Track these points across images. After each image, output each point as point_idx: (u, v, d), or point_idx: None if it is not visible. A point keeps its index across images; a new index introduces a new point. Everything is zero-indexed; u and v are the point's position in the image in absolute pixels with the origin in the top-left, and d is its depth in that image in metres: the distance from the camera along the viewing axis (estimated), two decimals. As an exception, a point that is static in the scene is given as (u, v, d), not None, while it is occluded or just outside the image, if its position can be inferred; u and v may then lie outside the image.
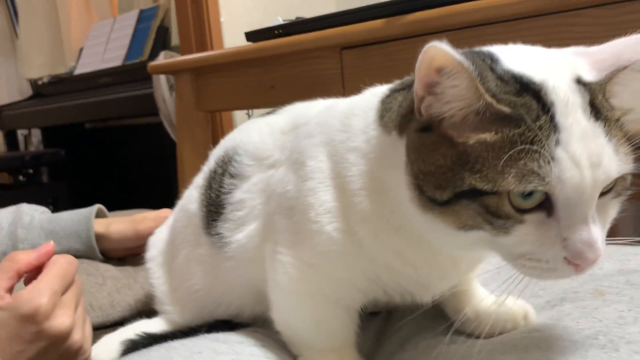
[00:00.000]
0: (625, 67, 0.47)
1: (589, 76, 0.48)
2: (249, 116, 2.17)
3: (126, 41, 2.79)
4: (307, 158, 0.60)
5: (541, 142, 0.43)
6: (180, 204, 0.82)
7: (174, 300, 0.80)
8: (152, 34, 2.71)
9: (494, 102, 0.44)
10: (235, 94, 1.49)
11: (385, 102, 0.56)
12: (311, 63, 1.32)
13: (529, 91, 0.45)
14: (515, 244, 0.46)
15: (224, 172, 0.70)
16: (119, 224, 1.00)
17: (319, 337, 0.64)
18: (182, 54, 2.31)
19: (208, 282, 0.74)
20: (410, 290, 0.61)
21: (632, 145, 0.46)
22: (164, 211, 1.04)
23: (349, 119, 0.59)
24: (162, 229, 0.86)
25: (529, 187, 0.43)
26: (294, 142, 0.64)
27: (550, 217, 0.45)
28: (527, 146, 0.43)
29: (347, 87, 1.28)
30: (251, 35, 1.40)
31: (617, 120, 0.47)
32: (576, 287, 0.65)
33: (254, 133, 0.71)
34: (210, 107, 1.57)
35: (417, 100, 0.47)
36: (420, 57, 0.44)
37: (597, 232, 0.45)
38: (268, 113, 0.76)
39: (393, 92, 0.56)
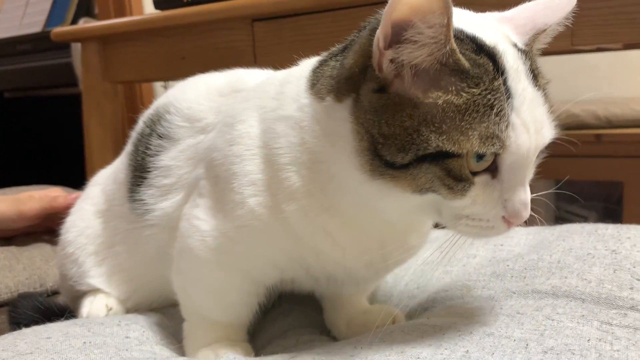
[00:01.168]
0: (543, 31, 0.50)
1: (518, 42, 0.49)
2: (165, 88, 2.09)
3: (47, 6, 2.63)
4: (237, 121, 0.57)
5: (501, 106, 0.45)
6: (108, 175, 0.78)
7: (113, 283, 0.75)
8: (75, -1, 2.57)
9: (457, 51, 0.44)
10: (144, 65, 1.42)
11: (317, 71, 0.54)
12: (222, 34, 1.27)
13: (484, 52, 0.46)
14: (466, 205, 0.47)
15: (152, 132, 0.66)
16: (0, 203, 0.94)
17: (217, 309, 0.61)
18: (101, 20, 2.20)
19: (131, 258, 0.71)
20: (334, 274, 0.58)
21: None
22: (51, 190, 1.01)
23: (282, 86, 0.56)
24: (82, 207, 0.79)
25: (492, 150, 0.45)
26: (229, 106, 0.61)
27: (494, 178, 0.47)
28: (488, 109, 0.44)
29: (259, 60, 1.24)
30: (159, 3, 1.33)
31: (546, 87, 0.49)
32: (449, 283, 0.66)
33: (190, 91, 0.67)
34: (118, 77, 1.49)
35: (377, 55, 0.46)
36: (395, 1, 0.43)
37: (529, 192, 0.48)
38: None
39: (322, 62, 0.54)
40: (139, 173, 0.66)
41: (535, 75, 0.48)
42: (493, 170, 0.47)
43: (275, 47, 1.21)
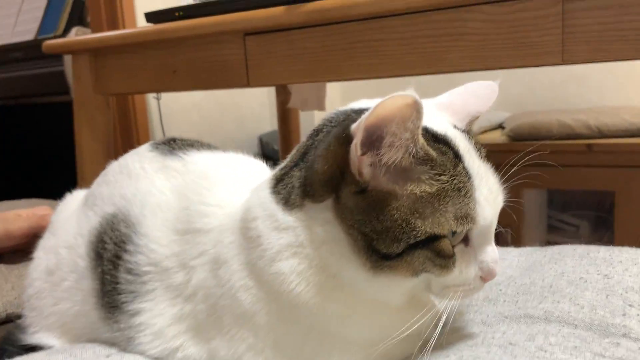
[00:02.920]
0: (476, 118, 0.58)
1: (459, 125, 0.56)
2: (158, 100, 2.08)
3: (39, 14, 2.62)
4: (236, 304, 0.56)
5: (466, 188, 0.50)
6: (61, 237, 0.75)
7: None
8: (68, 7, 2.55)
9: (425, 144, 0.49)
10: (136, 78, 1.41)
11: (281, 189, 0.56)
12: (214, 48, 1.26)
13: (439, 141, 0.51)
14: (455, 277, 0.52)
15: (118, 256, 0.65)
16: None
17: None
18: (93, 31, 2.19)
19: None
20: None
21: None
22: (39, 208, 1.00)
23: (250, 230, 0.56)
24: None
25: (467, 227, 0.51)
26: (199, 266, 0.60)
27: (467, 246, 0.53)
28: (457, 192, 0.50)
29: (251, 75, 1.23)
30: (151, 16, 1.32)
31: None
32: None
33: (147, 212, 0.66)
34: (109, 90, 1.48)
35: (356, 161, 0.49)
36: (375, 111, 0.46)
37: (496, 248, 0.54)
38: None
39: (280, 179, 0.56)
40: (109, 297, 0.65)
41: (479, 151, 0.54)
42: (465, 239, 0.52)
43: (268, 61, 1.21)
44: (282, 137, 2.21)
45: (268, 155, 2.72)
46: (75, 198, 0.80)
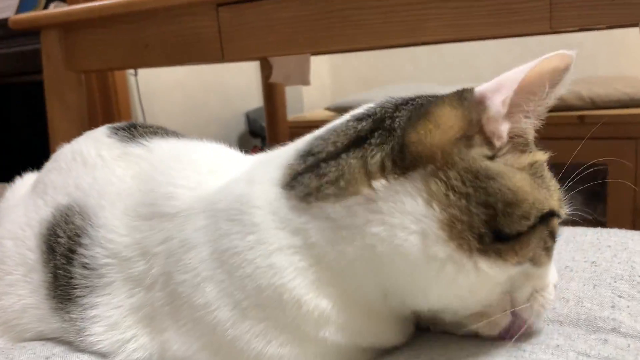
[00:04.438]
0: None
1: None
2: (135, 76, 2.01)
3: (19, -11, 2.53)
4: (198, 295, 0.51)
5: None
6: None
7: None
8: (48, -18, 2.46)
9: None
10: (107, 53, 1.35)
11: (309, 180, 0.49)
12: (186, 20, 1.20)
13: None
14: (547, 269, 0.49)
15: (72, 250, 0.59)
16: None
17: None
18: (70, 5, 2.11)
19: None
20: None
21: None
22: None
23: (246, 211, 0.51)
24: None
25: (563, 212, 0.49)
26: (162, 252, 0.55)
27: None
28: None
29: (225, 48, 1.17)
30: (119, -12, 1.25)
31: None
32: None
33: (105, 202, 0.60)
34: (81, 67, 1.41)
35: (495, 123, 0.46)
36: (539, 66, 0.46)
37: None
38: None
39: (302, 170, 0.50)
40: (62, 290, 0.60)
41: None
42: None
43: (242, 33, 1.15)
44: (268, 113, 2.15)
45: (255, 132, 2.66)
46: (25, 183, 0.74)
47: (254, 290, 0.48)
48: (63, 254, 0.59)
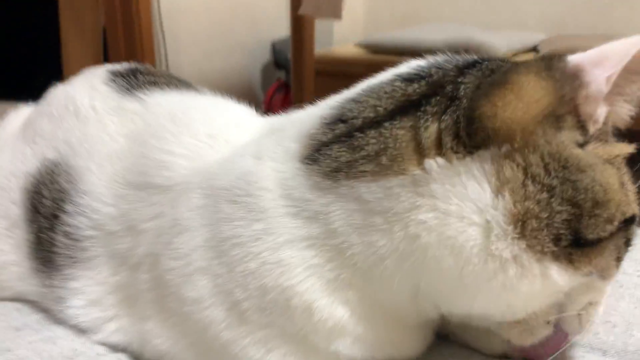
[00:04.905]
0: None
1: None
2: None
3: None
4: (188, 288, 0.44)
5: None
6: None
7: None
8: None
9: None
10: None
11: (340, 153, 0.41)
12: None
13: None
14: (609, 284, 0.42)
15: (55, 216, 0.53)
16: None
17: None
18: None
19: None
20: None
21: None
22: None
23: (253, 193, 0.44)
24: None
25: None
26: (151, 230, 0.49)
27: None
28: None
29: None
30: None
31: None
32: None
33: (93, 164, 0.54)
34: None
35: (594, 102, 0.39)
36: None
37: None
38: None
39: (329, 141, 0.42)
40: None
41: None
42: None
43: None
44: (295, 46, 2.04)
45: (280, 63, 2.55)
46: (18, 118, 0.67)
47: (257, 291, 0.42)
48: (46, 217, 0.54)
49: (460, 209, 0.37)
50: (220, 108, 0.57)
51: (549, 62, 0.40)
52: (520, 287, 0.37)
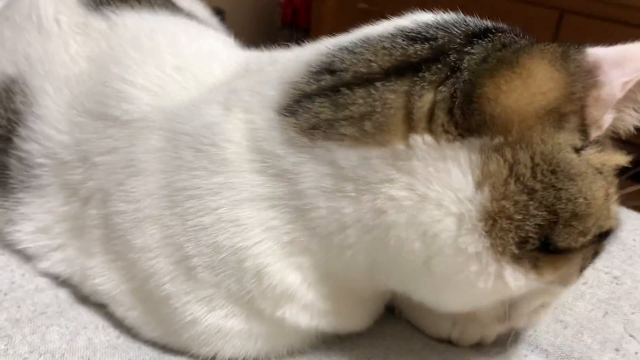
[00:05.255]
0: None
1: None
2: None
3: None
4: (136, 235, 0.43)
5: None
6: None
7: None
8: None
9: None
10: None
11: (321, 108, 0.37)
12: None
13: None
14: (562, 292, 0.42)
15: (9, 139, 0.51)
16: None
17: None
18: None
19: None
20: None
21: None
22: None
23: (218, 144, 0.41)
24: None
25: None
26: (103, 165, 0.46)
27: None
28: None
29: None
30: None
31: None
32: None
33: (50, 87, 0.50)
34: None
35: (604, 105, 0.34)
36: None
37: None
38: None
39: (311, 93, 0.38)
40: None
41: None
42: None
43: None
44: None
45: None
46: None
47: (209, 249, 0.40)
48: (1, 136, 0.52)
49: (439, 196, 0.34)
50: (192, 36, 0.52)
51: (567, 52, 0.35)
52: (477, 283, 0.35)
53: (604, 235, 0.36)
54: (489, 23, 0.39)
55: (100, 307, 0.46)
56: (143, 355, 0.43)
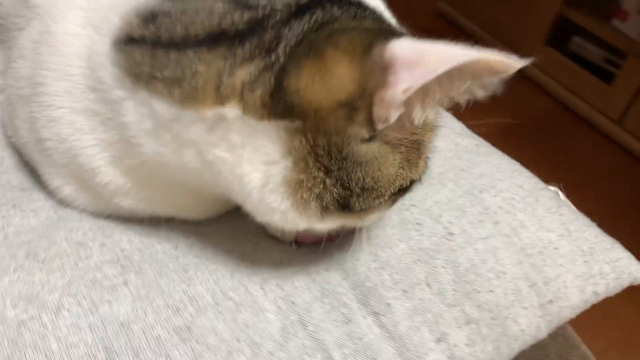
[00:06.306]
0: None
1: None
2: None
3: None
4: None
5: None
6: None
7: None
8: None
9: None
10: None
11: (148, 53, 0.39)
12: None
13: None
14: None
15: None
16: None
17: None
18: None
19: None
20: None
21: None
22: None
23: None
24: None
25: None
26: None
27: None
28: None
29: None
30: None
31: None
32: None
33: None
34: None
35: (391, 101, 0.36)
36: (484, 57, 0.34)
37: None
38: None
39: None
40: None
41: None
42: None
43: None
44: None
45: None
46: None
47: (56, 136, 0.46)
48: None
49: (251, 156, 0.39)
50: None
51: (370, 45, 0.36)
52: (284, 225, 0.42)
53: (405, 189, 0.42)
54: None
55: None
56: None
